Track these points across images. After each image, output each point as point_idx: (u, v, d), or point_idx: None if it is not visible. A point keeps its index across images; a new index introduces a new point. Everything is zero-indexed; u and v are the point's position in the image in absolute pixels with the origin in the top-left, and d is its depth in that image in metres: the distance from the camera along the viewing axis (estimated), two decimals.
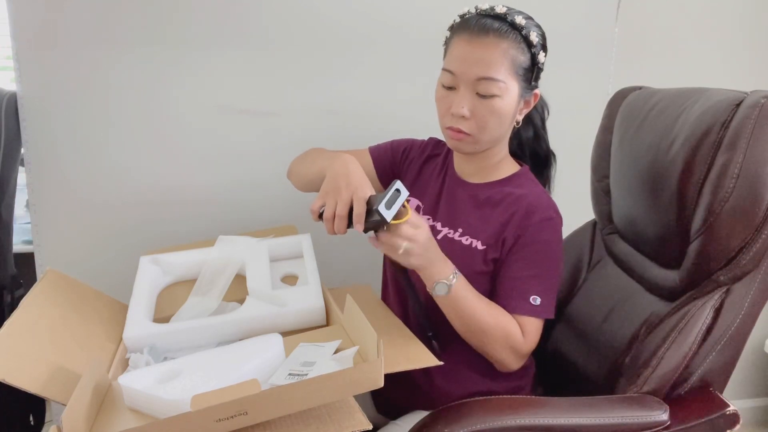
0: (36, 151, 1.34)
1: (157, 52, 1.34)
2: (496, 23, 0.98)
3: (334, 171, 0.97)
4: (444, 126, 1.04)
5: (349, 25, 1.40)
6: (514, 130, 1.09)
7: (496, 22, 0.98)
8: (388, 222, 0.89)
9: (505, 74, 0.97)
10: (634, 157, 1.11)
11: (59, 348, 0.91)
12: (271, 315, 1.01)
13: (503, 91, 0.98)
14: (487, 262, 1.03)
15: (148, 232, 1.41)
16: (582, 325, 1.17)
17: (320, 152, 1.17)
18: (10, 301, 1.45)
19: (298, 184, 1.21)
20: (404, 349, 0.91)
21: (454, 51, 1.00)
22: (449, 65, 1.00)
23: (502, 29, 0.97)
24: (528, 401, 0.93)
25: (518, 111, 1.04)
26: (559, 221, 1.05)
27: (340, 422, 0.75)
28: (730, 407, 0.93)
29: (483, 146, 1.04)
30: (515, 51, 0.98)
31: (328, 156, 1.08)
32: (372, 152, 1.22)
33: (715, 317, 0.95)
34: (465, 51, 0.98)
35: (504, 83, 0.98)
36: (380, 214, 0.88)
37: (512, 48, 0.97)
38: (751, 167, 0.89)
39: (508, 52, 0.97)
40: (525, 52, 0.99)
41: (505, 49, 0.97)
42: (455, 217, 1.09)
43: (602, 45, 1.57)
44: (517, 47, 0.98)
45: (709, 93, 1.00)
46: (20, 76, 1.30)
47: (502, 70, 0.97)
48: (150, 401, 0.79)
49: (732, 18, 1.68)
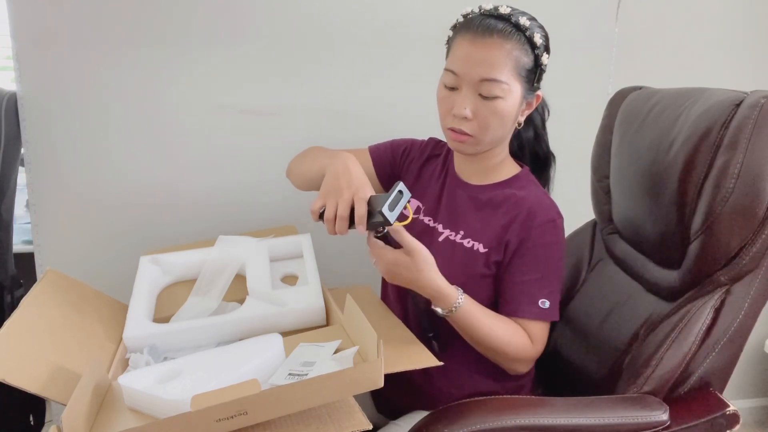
0: (36, 151, 1.34)
1: (157, 53, 1.34)
2: (500, 24, 0.97)
3: (335, 170, 0.96)
4: (445, 126, 1.04)
5: (350, 25, 1.40)
6: (514, 131, 1.09)
7: (500, 23, 0.97)
8: (391, 224, 0.89)
9: (508, 76, 0.97)
10: (635, 157, 1.11)
11: (59, 348, 0.91)
12: (271, 315, 1.01)
13: (506, 92, 0.98)
14: (489, 265, 1.03)
15: (148, 232, 1.41)
16: (582, 325, 1.17)
17: (320, 151, 1.17)
18: (10, 301, 1.45)
19: (298, 182, 1.21)
20: (404, 350, 0.91)
21: (457, 51, 1.00)
22: (452, 65, 1.00)
23: (506, 30, 0.97)
24: (528, 401, 0.93)
25: (520, 112, 1.03)
26: (561, 222, 1.05)
27: (340, 422, 0.75)
28: (730, 407, 0.93)
29: (484, 147, 1.04)
30: (519, 52, 0.97)
31: (327, 155, 1.08)
32: (372, 152, 1.21)
33: (715, 317, 0.95)
34: (468, 51, 0.98)
35: (507, 85, 0.97)
36: (384, 216, 0.88)
37: (516, 49, 0.97)
38: (751, 167, 0.89)
39: (512, 54, 0.97)
40: (529, 53, 0.98)
41: (509, 51, 0.96)
42: (456, 219, 1.09)
43: (602, 45, 1.57)
44: (520, 48, 0.97)
45: (709, 93, 1.00)
46: (20, 76, 1.30)
47: (505, 72, 0.97)
48: (150, 401, 0.79)
49: (732, 18, 1.68)
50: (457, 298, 0.97)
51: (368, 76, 1.44)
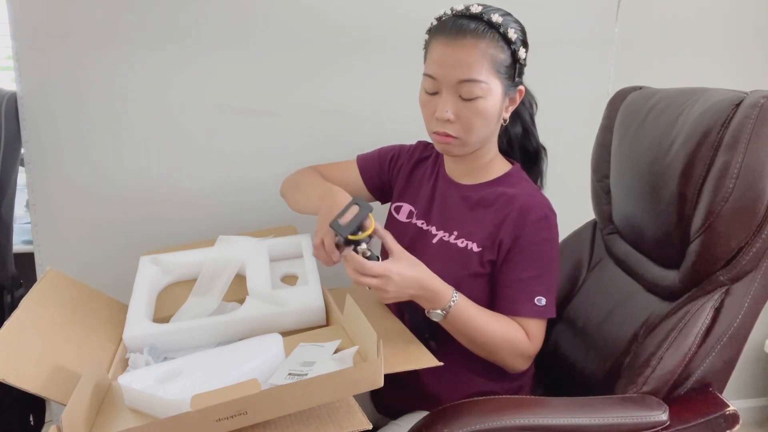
0: (36, 151, 1.34)
1: (158, 52, 1.34)
2: (472, 23, 0.97)
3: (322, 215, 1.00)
4: (430, 131, 1.04)
5: (349, 25, 1.40)
6: (502, 128, 1.09)
7: (473, 23, 0.97)
8: (345, 237, 0.91)
9: (486, 74, 0.97)
10: (634, 157, 1.11)
11: (59, 348, 0.91)
12: (271, 315, 1.01)
13: (486, 91, 0.97)
14: (484, 264, 1.03)
15: (148, 231, 1.41)
16: (582, 325, 1.17)
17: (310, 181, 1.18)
18: (10, 301, 1.44)
19: (293, 208, 1.22)
20: (404, 350, 0.91)
21: (433, 55, 0.99)
22: (429, 70, 1.00)
23: (478, 29, 0.96)
24: (527, 401, 0.93)
25: (504, 109, 1.03)
26: (554, 218, 1.04)
27: (340, 422, 0.75)
28: (730, 407, 0.93)
29: (471, 148, 1.04)
30: (494, 50, 0.97)
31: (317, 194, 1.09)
32: (359, 163, 1.22)
33: (715, 317, 0.95)
34: (443, 54, 0.97)
35: (486, 84, 0.97)
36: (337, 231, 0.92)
37: (491, 47, 0.96)
38: (751, 167, 0.89)
39: (487, 52, 0.96)
40: (504, 50, 0.98)
41: (484, 49, 0.96)
42: (449, 220, 1.09)
43: (602, 45, 1.56)
44: (495, 46, 0.97)
45: (709, 93, 1.00)
46: (20, 76, 1.30)
47: (482, 71, 0.96)
48: (150, 401, 0.79)
49: (732, 18, 1.68)
50: (452, 296, 0.97)
51: (368, 76, 1.44)
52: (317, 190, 1.10)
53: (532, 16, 1.03)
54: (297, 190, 1.20)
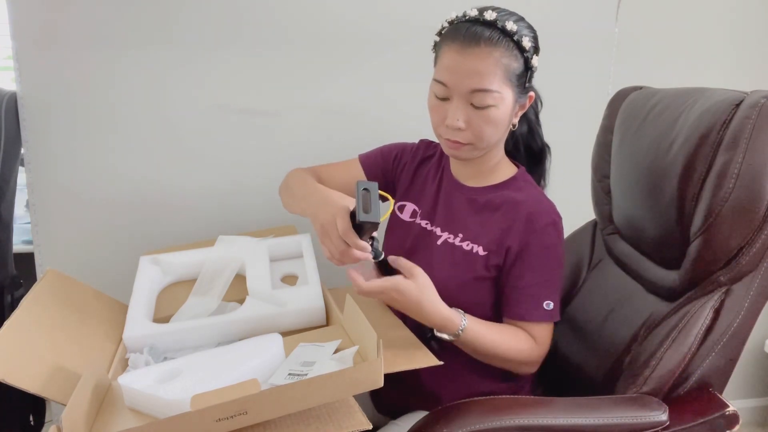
0: (36, 151, 1.34)
1: (158, 53, 1.34)
2: (486, 31, 0.94)
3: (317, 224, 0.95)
4: (439, 136, 1.03)
5: (349, 25, 1.40)
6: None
7: (487, 30, 0.94)
8: (378, 220, 0.87)
9: (499, 84, 0.95)
10: (635, 157, 1.11)
11: (59, 348, 0.91)
12: (271, 315, 1.01)
13: (498, 100, 0.96)
14: (489, 268, 1.03)
15: (148, 232, 1.41)
16: (582, 325, 1.17)
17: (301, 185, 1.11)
18: (10, 301, 1.44)
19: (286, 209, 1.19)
20: (404, 349, 0.91)
21: (445, 61, 0.97)
22: (441, 76, 0.98)
23: (493, 37, 0.94)
24: (527, 401, 0.93)
25: (514, 115, 1.02)
26: (560, 223, 1.05)
27: (340, 422, 0.75)
28: (730, 407, 0.93)
29: (481, 152, 1.03)
30: (508, 59, 0.95)
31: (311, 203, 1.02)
32: (363, 161, 1.21)
33: (714, 317, 0.95)
34: (456, 62, 0.95)
35: (498, 93, 0.95)
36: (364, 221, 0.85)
37: (505, 56, 0.94)
38: (751, 167, 0.89)
39: (501, 61, 0.94)
40: (518, 58, 0.96)
41: (498, 59, 0.94)
42: (454, 222, 1.08)
43: (602, 45, 1.57)
44: (509, 55, 0.95)
45: (709, 93, 1.00)
46: (20, 76, 1.30)
47: (495, 81, 0.94)
48: (150, 401, 0.79)
49: (732, 18, 1.67)
50: (461, 321, 0.96)
51: (368, 77, 1.44)
52: (301, 192, 1.08)
53: (532, 17, 1.03)
54: (292, 194, 1.18)
